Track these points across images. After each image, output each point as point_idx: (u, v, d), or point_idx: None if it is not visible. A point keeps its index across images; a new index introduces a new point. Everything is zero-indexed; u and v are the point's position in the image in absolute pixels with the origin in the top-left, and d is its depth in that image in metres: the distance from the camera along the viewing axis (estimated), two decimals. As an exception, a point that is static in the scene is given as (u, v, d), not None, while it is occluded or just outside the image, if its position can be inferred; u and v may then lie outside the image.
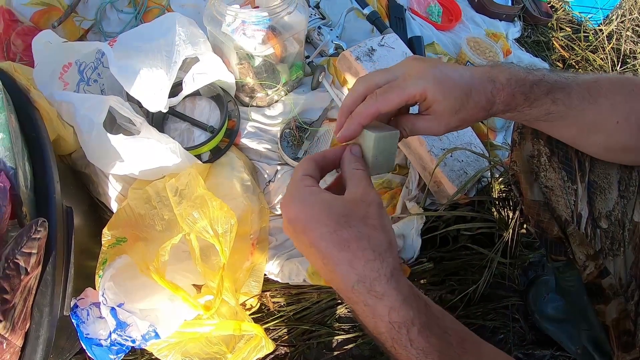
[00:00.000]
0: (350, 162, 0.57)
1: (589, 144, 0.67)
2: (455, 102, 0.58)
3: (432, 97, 0.57)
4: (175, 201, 0.90)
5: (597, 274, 0.71)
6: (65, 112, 0.95)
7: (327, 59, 1.27)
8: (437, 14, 1.60)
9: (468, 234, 1.11)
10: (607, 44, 1.79)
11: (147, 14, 1.33)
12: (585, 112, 0.61)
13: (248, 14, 0.99)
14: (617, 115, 0.61)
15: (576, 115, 0.61)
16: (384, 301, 0.48)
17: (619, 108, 0.62)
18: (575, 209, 0.71)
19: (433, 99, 0.57)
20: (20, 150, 0.78)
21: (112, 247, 0.92)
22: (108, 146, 0.91)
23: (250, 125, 1.15)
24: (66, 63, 1.02)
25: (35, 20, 1.23)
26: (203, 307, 0.86)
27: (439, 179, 1.07)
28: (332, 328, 1.07)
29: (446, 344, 0.50)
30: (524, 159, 0.75)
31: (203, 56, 1.04)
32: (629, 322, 0.70)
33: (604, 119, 0.62)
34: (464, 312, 1.12)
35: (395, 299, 0.48)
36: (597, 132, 0.63)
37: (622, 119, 0.61)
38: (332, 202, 0.51)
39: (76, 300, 0.88)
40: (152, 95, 0.97)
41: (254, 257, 1.03)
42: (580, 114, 0.61)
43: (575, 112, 0.61)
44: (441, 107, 0.58)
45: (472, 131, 1.20)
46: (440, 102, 0.58)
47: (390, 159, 0.60)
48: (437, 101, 0.58)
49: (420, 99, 0.58)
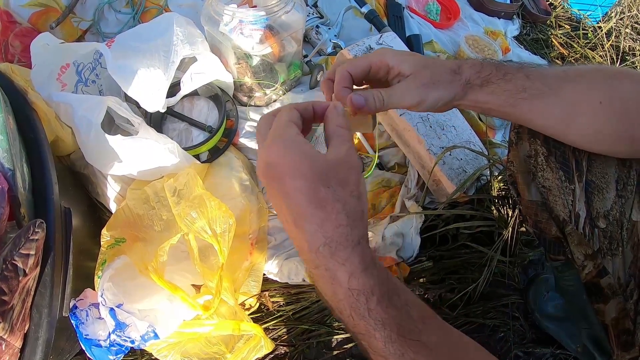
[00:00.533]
0: (334, 118, 0.56)
1: (578, 129, 0.64)
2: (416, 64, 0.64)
3: (392, 61, 0.65)
4: (174, 201, 0.90)
5: (596, 274, 0.71)
6: (64, 113, 0.95)
7: (326, 57, 1.28)
8: (435, 12, 1.60)
9: (467, 232, 1.11)
10: (606, 42, 1.78)
11: (145, 14, 1.33)
12: (563, 90, 0.62)
13: (245, 14, 0.99)
14: (598, 95, 0.61)
15: (556, 93, 0.62)
16: (345, 267, 0.48)
17: (599, 87, 0.62)
18: (573, 208, 0.71)
19: (394, 64, 0.65)
20: (18, 151, 0.78)
21: (111, 248, 0.92)
22: (106, 147, 0.92)
23: (249, 124, 1.15)
24: (64, 64, 1.02)
25: (33, 21, 1.23)
26: (202, 307, 0.86)
27: (437, 178, 1.07)
28: (332, 327, 1.07)
29: (406, 317, 0.50)
30: (521, 159, 0.75)
31: (201, 56, 1.04)
32: (628, 321, 0.69)
33: (585, 99, 0.62)
34: (463, 311, 1.11)
35: (357, 267, 0.48)
36: (582, 113, 0.62)
37: (605, 100, 0.61)
38: (315, 157, 0.50)
39: (75, 301, 0.88)
40: (150, 96, 0.97)
41: (252, 256, 1.03)
42: (560, 92, 0.62)
43: (554, 91, 0.62)
44: (405, 69, 0.64)
45: (470, 129, 1.20)
46: (402, 65, 0.64)
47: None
48: (399, 65, 0.64)
49: (381, 64, 0.65)
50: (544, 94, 0.62)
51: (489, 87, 0.64)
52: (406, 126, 1.09)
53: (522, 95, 0.63)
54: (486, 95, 0.65)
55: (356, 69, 0.66)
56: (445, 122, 1.14)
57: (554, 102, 0.63)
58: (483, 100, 0.65)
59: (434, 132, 1.10)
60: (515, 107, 0.64)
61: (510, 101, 0.64)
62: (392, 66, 0.65)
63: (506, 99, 0.64)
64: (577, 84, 0.62)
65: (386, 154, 1.21)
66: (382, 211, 1.11)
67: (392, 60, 0.65)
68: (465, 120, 1.21)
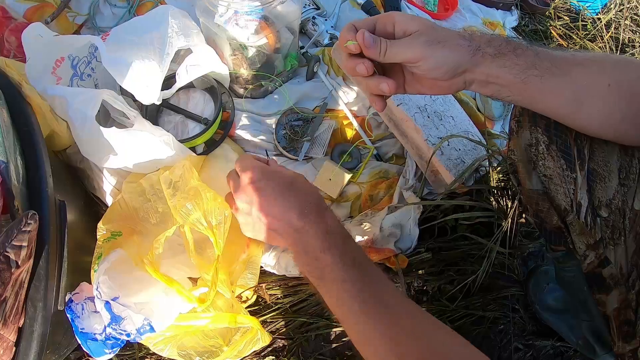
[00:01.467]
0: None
1: (588, 113, 0.63)
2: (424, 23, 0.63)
3: (399, 17, 0.64)
4: (169, 193, 0.89)
5: (598, 264, 0.70)
6: (59, 107, 0.95)
7: (322, 49, 1.27)
8: (433, 2, 1.58)
9: (467, 223, 1.10)
10: (605, 33, 1.77)
11: (141, 8, 1.32)
12: (573, 73, 0.61)
13: (240, 4, 0.98)
14: (607, 78, 0.60)
15: (565, 74, 0.61)
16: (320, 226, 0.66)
17: (608, 71, 0.61)
18: (574, 197, 0.70)
19: (400, 19, 0.64)
20: (11, 144, 0.77)
21: (107, 242, 0.92)
22: (101, 140, 0.91)
23: (245, 116, 1.14)
24: (58, 58, 1.01)
25: (29, 16, 1.23)
26: (197, 300, 0.85)
27: (436, 168, 1.06)
28: (330, 320, 1.06)
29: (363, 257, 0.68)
30: (522, 147, 0.74)
31: (196, 48, 1.03)
32: (630, 312, 0.69)
33: (595, 81, 0.61)
34: (463, 303, 1.11)
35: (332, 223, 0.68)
36: (592, 95, 0.61)
37: (613, 83, 0.60)
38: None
39: (71, 295, 0.87)
40: (145, 88, 0.96)
41: (250, 249, 1.03)
42: (569, 74, 0.61)
43: (563, 72, 0.61)
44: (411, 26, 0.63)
45: (469, 120, 1.19)
46: (408, 23, 0.63)
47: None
48: (405, 22, 0.63)
49: (387, 19, 0.64)
50: (553, 73, 0.61)
51: (501, 59, 0.61)
52: (404, 116, 1.08)
53: (533, 72, 0.61)
54: (498, 68, 0.62)
55: (362, 22, 0.65)
56: (443, 113, 1.13)
57: (564, 83, 0.61)
58: (495, 74, 0.62)
59: (431, 123, 1.09)
60: (527, 84, 0.62)
61: (522, 77, 0.61)
62: (398, 21, 0.63)
63: (518, 74, 0.61)
64: (586, 68, 0.61)
65: (384, 145, 1.20)
66: (380, 202, 1.10)
67: (398, 16, 0.64)
68: (464, 111, 1.20)
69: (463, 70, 0.62)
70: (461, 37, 0.62)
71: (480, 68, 0.62)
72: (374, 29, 0.65)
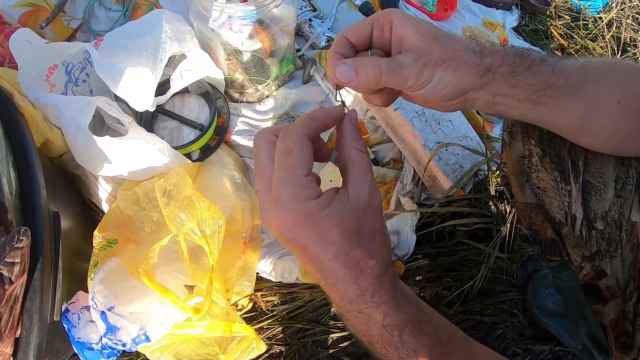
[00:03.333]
0: (352, 138, 0.49)
1: (596, 130, 0.59)
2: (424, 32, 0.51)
3: (397, 19, 0.52)
4: (164, 202, 0.89)
5: (594, 275, 0.69)
6: (52, 115, 0.94)
7: (319, 51, 1.25)
8: (432, 2, 1.57)
9: (464, 229, 1.09)
10: (606, 32, 1.75)
11: (136, 11, 1.31)
12: (586, 89, 0.56)
13: (234, 9, 0.97)
14: (616, 95, 0.57)
15: (578, 92, 0.55)
16: (380, 309, 0.48)
17: (618, 87, 0.57)
18: (569, 210, 0.69)
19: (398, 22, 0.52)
20: (4, 156, 0.77)
21: (103, 249, 0.92)
22: (95, 148, 0.90)
23: (241, 121, 1.14)
24: (52, 65, 1.00)
25: (23, 21, 1.22)
26: (192, 310, 0.85)
27: (433, 174, 1.06)
28: (327, 326, 1.06)
29: (436, 341, 0.51)
30: (514, 159, 0.72)
31: (190, 53, 1.03)
32: (627, 323, 0.68)
33: (605, 99, 0.57)
34: (461, 308, 1.11)
35: (390, 306, 0.48)
36: (601, 113, 0.57)
37: (622, 99, 0.57)
38: (342, 215, 0.45)
39: (67, 305, 0.87)
40: (138, 95, 0.96)
41: (246, 255, 1.03)
42: (582, 92, 0.56)
43: (576, 89, 0.55)
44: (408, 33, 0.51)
45: (467, 123, 1.18)
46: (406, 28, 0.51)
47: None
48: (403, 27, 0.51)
49: (385, 20, 0.53)
50: (567, 92, 0.55)
51: (514, 78, 0.52)
52: (401, 121, 1.07)
53: (547, 92, 0.54)
54: (509, 88, 0.53)
55: (356, 30, 0.54)
56: (441, 117, 1.12)
57: (576, 101, 0.56)
58: (504, 94, 0.54)
59: (429, 127, 1.09)
60: (538, 104, 0.55)
61: (534, 97, 0.54)
62: (396, 24, 0.52)
63: (531, 94, 0.54)
64: (597, 83, 0.56)
65: (381, 149, 1.19)
66: (376, 209, 1.09)
67: (397, 17, 0.52)
68: (462, 115, 1.19)
69: (466, 92, 0.53)
70: (471, 51, 0.51)
71: (489, 88, 0.53)
72: (370, 34, 0.54)
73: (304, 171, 0.45)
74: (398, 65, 0.50)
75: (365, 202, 0.47)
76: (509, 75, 0.52)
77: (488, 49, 0.53)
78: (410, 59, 0.50)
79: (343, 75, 0.50)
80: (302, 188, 0.45)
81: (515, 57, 0.53)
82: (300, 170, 0.45)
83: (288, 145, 0.46)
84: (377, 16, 0.53)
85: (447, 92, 0.52)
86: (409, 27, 0.51)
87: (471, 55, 0.51)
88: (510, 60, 0.52)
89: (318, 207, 0.44)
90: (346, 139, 0.49)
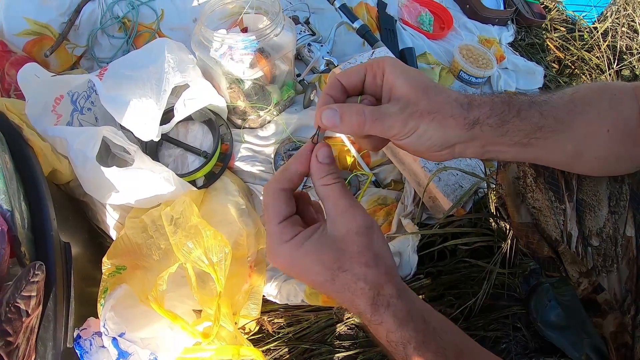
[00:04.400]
0: (319, 175, 0.52)
1: (587, 161, 0.61)
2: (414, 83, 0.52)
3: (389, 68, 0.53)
4: (171, 230, 0.91)
5: (592, 290, 0.71)
6: (60, 146, 0.97)
7: (319, 75, 1.28)
8: (428, 22, 1.59)
9: (466, 247, 1.11)
10: (602, 42, 1.77)
11: (138, 38, 1.34)
12: (575, 124, 0.56)
13: (235, 39, 0.99)
14: (606, 124, 0.58)
15: (568, 128, 0.56)
16: (382, 326, 0.50)
17: (607, 115, 0.58)
18: (564, 228, 0.70)
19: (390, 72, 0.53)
20: (15, 191, 0.79)
21: (112, 276, 0.94)
22: (103, 178, 0.93)
23: (244, 147, 1.16)
24: (58, 95, 1.03)
25: (28, 50, 1.25)
26: (202, 335, 0.87)
27: (433, 194, 1.07)
28: (333, 346, 1.08)
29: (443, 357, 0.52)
30: (509, 181, 0.74)
31: (193, 82, 1.05)
32: (627, 335, 0.69)
33: (595, 130, 0.58)
34: (464, 325, 1.12)
35: (392, 324, 0.50)
36: (592, 145, 0.58)
37: (611, 127, 0.57)
38: (320, 250, 0.50)
39: (79, 331, 0.89)
40: (144, 125, 0.98)
41: (252, 279, 1.04)
42: (572, 127, 0.56)
43: (566, 126, 0.56)
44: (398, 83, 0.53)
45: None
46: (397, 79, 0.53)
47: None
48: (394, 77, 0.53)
49: (378, 68, 0.54)
50: (556, 130, 0.55)
51: (503, 127, 0.53)
52: (400, 143, 1.09)
53: (537, 135, 0.54)
54: (499, 137, 0.54)
55: (349, 75, 0.55)
56: (439, 137, 1.14)
57: (565, 138, 0.57)
58: (494, 143, 0.54)
59: (428, 149, 1.10)
60: (527, 146, 0.56)
61: (525, 141, 0.55)
62: (388, 74, 0.53)
63: (521, 139, 0.54)
64: (586, 115, 0.57)
65: (382, 171, 1.21)
66: (378, 230, 1.11)
67: (389, 66, 0.53)
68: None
69: (453, 144, 0.54)
70: (459, 104, 0.52)
71: (478, 141, 0.54)
72: (363, 79, 0.56)
73: (277, 220, 0.52)
74: (382, 115, 0.52)
75: (342, 231, 0.50)
76: (497, 126, 0.53)
77: (476, 100, 0.54)
78: (396, 109, 0.52)
79: (328, 120, 0.52)
80: (277, 235, 0.52)
81: (503, 106, 0.54)
82: (275, 220, 0.52)
83: (264, 201, 0.54)
84: (372, 63, 0.55)
85: (432, 143, 0.53)
86: (399, 77, 0.53)
87: (458, 109, 0.52)
88: (498, 110, 0.53)
89: (294, 246, 0.51)
90: (314, 177, 0.53)
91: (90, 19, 1.34)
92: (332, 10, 1.41)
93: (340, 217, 0.51)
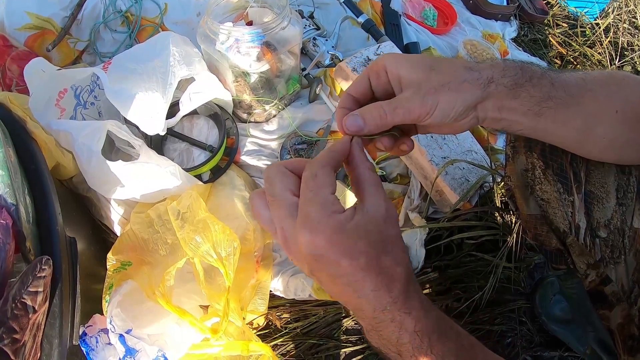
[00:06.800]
0: (361, 162, 0.52)
1: (596, 141, 0.61)
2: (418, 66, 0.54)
3: (390, 63, 0.55)
4: (178, 225, 0.90)
5: (599, 282, 0.71)
6: (64, 140, 0.96)
7: (324, 70, 1.27)
8: (432, 17, 1.59)
9: (472, 241, 1.11)
10: (604, 38, 1.78)
11: (141, 33, 1.33)
12: (585, 100, 0.58)
13: (241, 32, 0.98)
14: (614, 104, 0.59)
15: (577, 103, 0.57)
16: (411, 315, 0.50)
17: (615, 97, 0.60)
18: (572, 220, 0.70)
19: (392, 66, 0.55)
20: (20, 185, 0.78)
21: (118, 272, 0.93)
22: (108, 173, 0.92)
23: (250, 141, 1.15)
24: (61, 89, 1.02)
25: (30, 44, 1.23)
26: (210, 331, 0.86)
27: (440, 188, 1.07)
28: (340, 341, 1.08)
29: (460, 346, 0.53)
30: (518, 173, 0.74)
31: (198, 75, 1.04)
32: (634, 327, 0.69)
33: (604, 109, 0.59)
34: (470, 319, 1.12)
35: (421, 310, 0.51)
36: (600, 123, 0.59)
37: (619, 109, 0.59)
38: (368, 227, 0.47)
39: (85, 328, 0.88)
40: (149, 119, 0.97)
41: (259, 274, 1.04)
42: (582, 103, 0.58)
43: (575, 101, 0.57)
44: (404, 73, 0.54)
45: (472, 137, 1.20)
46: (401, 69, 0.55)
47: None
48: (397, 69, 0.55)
49: (379, 69, 0.57)
50: (567, 103, 0.57)
51: (516, 90, 0.55)
52: (406, 137, 1.08)
53: (548, 104, 0.56)
54: (512, 100, 0.55)
55: (356, 85, 0.58)
56: (445, 132, 1.14)
57: (575, 112, 0.58)
58: (509, 107, 0.56)
59: (435, 143, 1.10)
60: (540, 116, 0.57)
61: (536, 109, 0.56)
62: (389, 68, 0.56)
63: (532, 106, 0.56)
64: (595, 93, 0.59)
65: (388, 165, 1.21)
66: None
67: (388, 60, 0.56)
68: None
69: (475, 105, 0.56)
70: (467, 69, 0.55)
71: (494, 101, 0.55)
72: (369, 84, 0.58)
73: (329, 190, 0.48)
74: (400, 102, 0.54)
75: (384, 213, 0.49)
76: (511, 87, 0.55)
77: (486, 62, 0.56)
78: (410, 93, 0.54)
79: (352, 125, 0.54)
80: (330, 204, 0.47)
81: (516, 70, 0.56)
82: (327, 190, 0.48)
83: (313, 171, 0.49)
84: (371, 66, 0.58)
85: (456, 111, 0.54)
86: (402, 66, 0.55)
87: (468, 72, 0.54)
88: (511, 72, 0.55)
89: (345, 220, 0.47)
90: (358, 160, 0.53)
91: (93, 13, 1.33)
92: (337, 5, 1.41)
93: (383, 201, 0.50)
